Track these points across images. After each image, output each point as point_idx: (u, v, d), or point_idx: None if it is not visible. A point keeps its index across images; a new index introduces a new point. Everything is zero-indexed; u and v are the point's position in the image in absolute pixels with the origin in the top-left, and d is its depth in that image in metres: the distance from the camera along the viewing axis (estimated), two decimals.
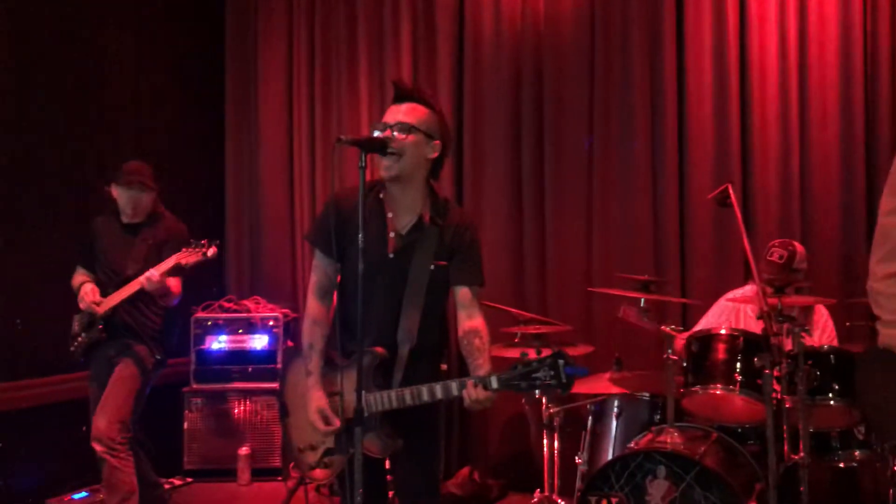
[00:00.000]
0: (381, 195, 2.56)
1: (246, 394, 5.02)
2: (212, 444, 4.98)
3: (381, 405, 2.43)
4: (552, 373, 2.20)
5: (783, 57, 4.30)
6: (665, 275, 4.39)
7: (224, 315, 5.17)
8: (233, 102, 5.74)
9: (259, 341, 5.11)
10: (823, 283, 4.02)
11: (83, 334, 3.82)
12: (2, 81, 4.27)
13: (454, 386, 2.34)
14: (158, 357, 3.87)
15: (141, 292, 3.71)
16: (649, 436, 3.33)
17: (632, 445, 3.28)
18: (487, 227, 4.79)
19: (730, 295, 3.91)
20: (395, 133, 2.46)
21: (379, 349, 2.46)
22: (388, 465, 2.74)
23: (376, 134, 2.47)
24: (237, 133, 5.74)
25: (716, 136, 4.43)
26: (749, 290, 3.90)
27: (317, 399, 2.52)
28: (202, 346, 5.08)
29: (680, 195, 4.52)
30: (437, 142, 2.53)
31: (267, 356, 5.10)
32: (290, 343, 5.21)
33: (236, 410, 5.01)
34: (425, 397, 2.38)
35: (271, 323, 5.14)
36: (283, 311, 5.25)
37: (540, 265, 4.77)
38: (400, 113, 2.50)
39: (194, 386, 5.03)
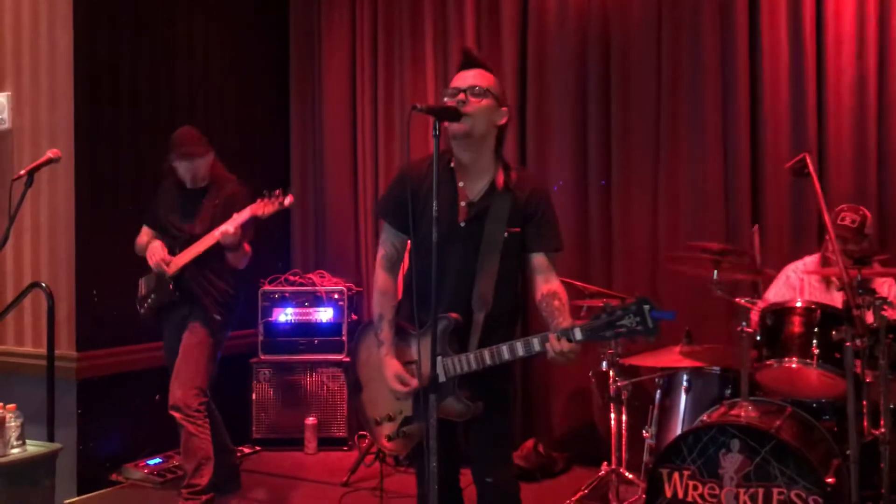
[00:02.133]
0: (452, 164, 2.55)
1: (312, 365, 5.10)
2: (279, 414, 5.09)
3: (460, 368, 2.42)
4: (638, 319, 2.14)
5: (860, 22, 4.14)
6: (738, 246, 4.29)
7: (290, 288, 5.25)
8: (297, 75, 5.80)
9: (324, 314, 5.18)
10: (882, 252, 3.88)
11: (152, 296, 3.86)
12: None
13: (536, 342, 2.30)
14: (219, 318, 3.84)
15: (211, 253, 3.69)
16: (722, 409, 3.28)
17: (704, 418, 3.24)
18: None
19: (793, 265, 3.83)
20: (470, 97, 2.45)
21: (453, 315, 2.45)
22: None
23: (446, 101, 2.46)
24: (301, 107, 5.80)
25: (791, 106, 4.29)
26: (810, 261, 3.80)
27: (392, 366, 2.54)
28: (269, 319, 5.17)
29: (752, 166, 4.41)
30: (505, 108, 2.52)
31: (332, 328, 5.17)
32: (353, 316, 5.28)
33: (303, 381, 5.10)
34: (506, 355, 2.35)
35: (336, 296, 5.20)
36: (348, 284, 5.31)
37: (606, 238, 4.73)
38: (471, 77, 2.49)
39: (262, 357, 5.13)
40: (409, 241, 2.63)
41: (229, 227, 3.59)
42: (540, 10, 4.92)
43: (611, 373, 3.82)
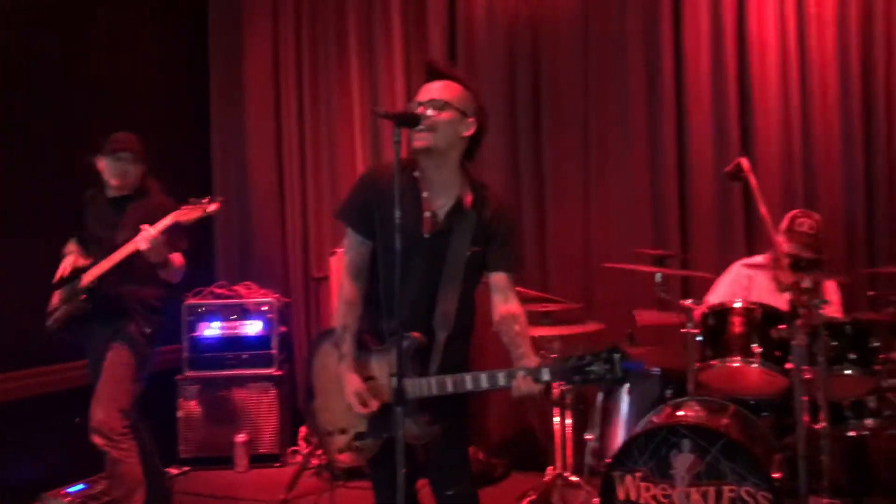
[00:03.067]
0: (416, 173, 2.50)
1: (241, 380, 4.94)
2: (207, 432, 4.90)
3: (421, 391, 2.38)
4: (608, 367, 2.14)
5: (782, 31, 4.31)
6: (667, 248, 4.39)
7: (216, 301, 5.06)
8: (218, 84, 5.59)
9: (253, 327, 5.02)
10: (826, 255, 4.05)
11: (62, 307, 3.59)
12: None
13: (501, 377, 2.27)
14: (148, 331, 3.64)
15: (136, 263, 3.45)
16: (668, 410, 3.32)
17: (654, 419, 3.27)
18: None
19: (746, 261, 3.94)
20: (429, 110, 2.40)
21: (417, 335, 2.40)
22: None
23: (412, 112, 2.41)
24: (223, 112, 5.60)
25: (714, 111, 4.44)
26: (761, 260, 3.92)
27: (353, 382, 2.47)
28: (195, 333, 4.98)
29: (679, 170, 4.53)
30: (472, 119, 2.47)
31: (261, 342, 5.02)
32: (283, 328, 5.14)
33: (231, 397, 4.93)
34: (469, 386, 2.32)
35: (265, 308, 5.05)
36: (276, 295, 5.17)
37: (540, 244, 4.75)
38: (433, 90, 2.45)
39: (188, 373, 4.94)
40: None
41: (150, 230, 3.35)
42: (468, 19, 4.92)
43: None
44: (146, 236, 3.35)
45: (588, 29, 4.70)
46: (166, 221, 3.40)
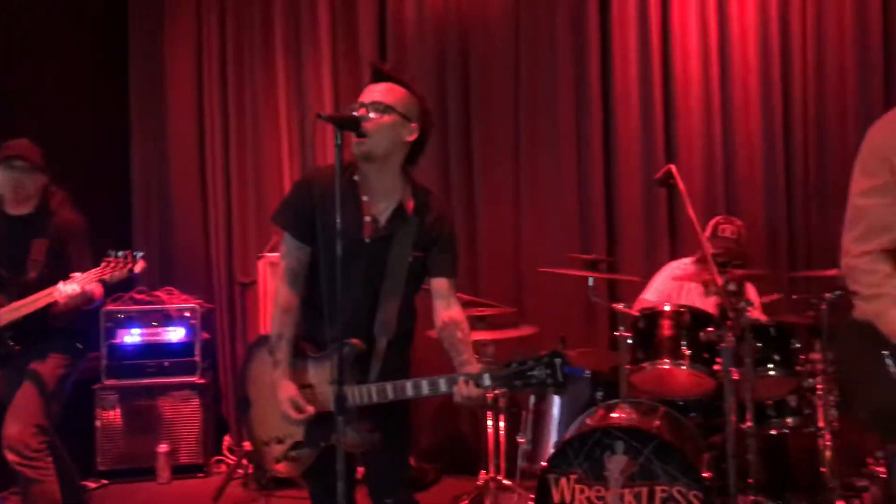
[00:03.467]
0: (355, 177, 2.45)
1: (163, 388, 4.77)
2: (127, 443, 4.71)
3: (361, 399, 2.33)
4: (549, 371, 2.14)
5: (704, 41, 4.44)
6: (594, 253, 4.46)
7: (136, 307, 4.88)
8: (138, 84, 5.37)
9: (175, 334, 4.86)
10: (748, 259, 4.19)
11: None
12: None
13: (442, 382, 2.25)
14: (80, 346, 3.49)
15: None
16: (601, 412, 3.36)
17: (588, 422, 3.31)
18: None
19: (675, 264, 4.03)
20: (370, 113, 2.36)
21: (357, 341, 2.35)
22: None
23: (353, 113, 2.37)
24: (143, 115, 5.37)
25: (641, 118, 4.54)
26: (689, 262, 4.02)
27: (288, 389, 2.40)
28: (114, 341, 4.78)
29: (606, 175, 4.61)
30: (415, 124, 2.44)
31: (184, 349, 4.86)
32: (206, 335, 5.00)
33: (153, 407, 4.75)
34: (410, 392, 2.29)
35: (187, 314, 4.89)
36: (199, 301, 5.01)
37: (471, 248, 4.74)
38: (376, 92, 2.40)
39: (106, 382, 4.74)
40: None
41: (73, 288, 3.15)
42: (398, 17, 4.88)
43: None
44: (66, 294, 3.17)
45: (519, 33, 4.73)
46: (88, 280, 3.21)
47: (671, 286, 3.95)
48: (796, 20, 4.36)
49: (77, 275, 3.22)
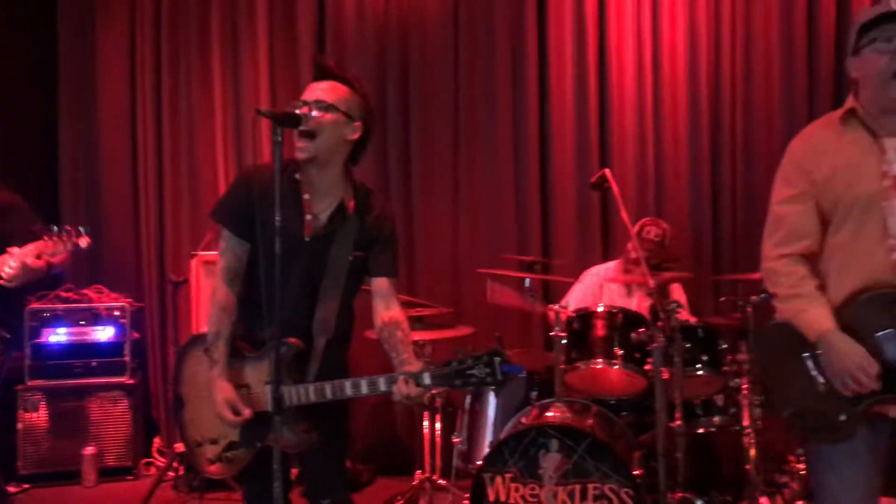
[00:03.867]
0: (297, 175, 2.43)
1: (90, 389, 4.64)
2: (52, 446, 4.57)
3: (299, 399, 2.31)
4: (488, 370, 2.15)
5: (639, 50, 4.55)
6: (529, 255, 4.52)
7: (63, 306, 4.73)
8: (68, 77, 5.21)
9: (103, 333, 4.73)
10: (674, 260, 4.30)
11: None
12: None
13: (382, 382, 2.25)
14: (8, 335, 3.34)
15: None
16: (535, 411, 3.41)
17: (523, 421, 3.35)
18: None
19: (594, 270, 4.11)
20: (313, 111, 2.34)
21: (295, 340, 2.33)
22: None
23: (295, 110, 2.34)
24: (73, 112, 5.22)
25: (576, 122, 4.62)
26: (613, 266, 4.11)
27: (224, 389, 2.36)
28: (39, 340, 4.63)
29: (542, 178, 4.68)
30: (358, 123, 2.43)
31: (113, 349, 4.73)
32: (136, 335, 4.88)
33: (79, 408, 4.62)
34: (349, 392, 2.28)
35: (117, 313, 4.77)
36: (129, 300, 4.89)
37: (408, 248, 4.75)
38: (319, 90, 2.38)
39: (29, 383, 4.59)
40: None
41: (8, 265, 3.05)
42: (337, 12, 4.85)
43: None
44: (6, 273, 3.06)
45: (458, 36, 4.76)
46: (28, 252, 3.09)
47: (591, 291, 4.03)
48: (726, 33, 4.51)
49: (14, 250, 3.11)
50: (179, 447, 4.08)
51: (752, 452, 3.55)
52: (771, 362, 2.37)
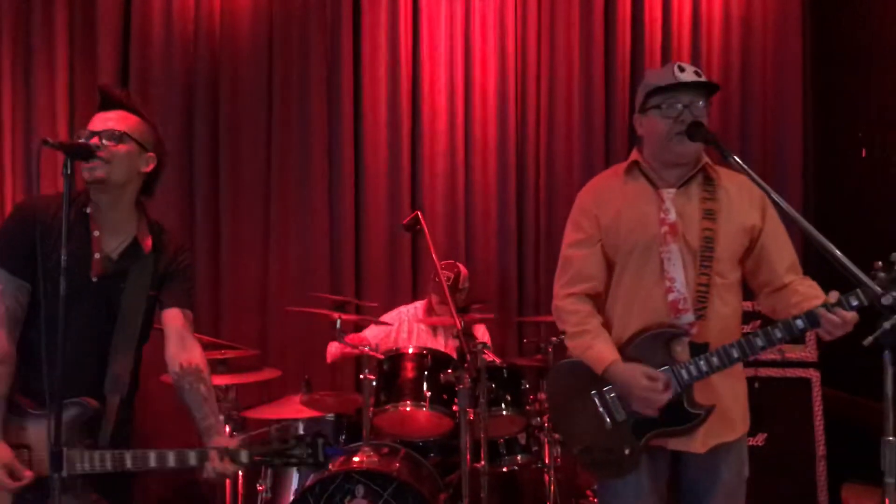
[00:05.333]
0: (88, 210, 2.26)
1: None
2: None
3: (92, 467, 2.11)
4: (310, 451, 2.11)
5: (451, 99, 4.67)
6: (343, 294, 4.49)
7: None
8: None
9: None
10: (482, 302, 4.43)
11: None
12: None
13: (192, 455, 2.10)
14: None
15: None
16: (342, 457, 3.36)
17: (329, 467, 3.28)
18: None
19: (404, 310, 4.16)
20: (104, 141, 2.20)
21: (89, 400, 2.15)
22: None
23: (83, 140, 2.18)
24: None
25: (389, 168, 4.64)
26: (420, 306, 4.17)
27: (1, 452, 2.11)
28: None
29: (356, 220, 4.67)
30: (152, 154, 2.31)
31: None
32: None
33: None
34: (152, 464, 2.10)
35: None
36: None
37: (214, 288, 4.55)
38: (109, 120, 2.24)
39: None
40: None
41: None
42: (142, 45, 4.60)
43: (227, 427, 3.68)
44: None
45: (272, 63, 4.61)
46: None
47: (397, 330, 4.07)
48: (531, 83, 4.74)
49: None
50: None
51: (552, 489, 3.68)
52: (562, 401, 2.50)
